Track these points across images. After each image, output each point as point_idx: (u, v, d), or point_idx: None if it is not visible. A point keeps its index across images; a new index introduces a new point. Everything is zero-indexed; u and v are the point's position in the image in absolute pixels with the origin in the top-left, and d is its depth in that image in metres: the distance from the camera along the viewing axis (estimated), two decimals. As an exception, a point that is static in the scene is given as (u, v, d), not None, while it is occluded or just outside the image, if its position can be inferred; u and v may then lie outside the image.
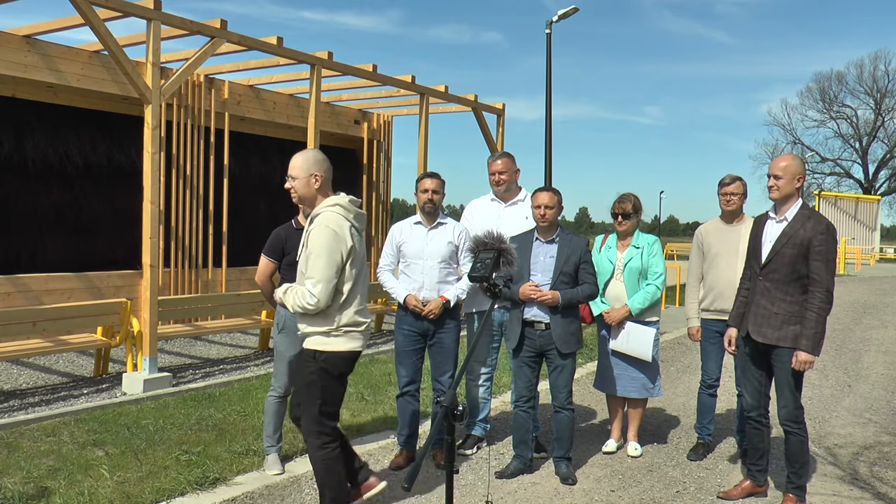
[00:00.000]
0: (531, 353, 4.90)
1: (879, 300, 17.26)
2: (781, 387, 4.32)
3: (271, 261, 4.95)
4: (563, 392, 4.89)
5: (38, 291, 8.69)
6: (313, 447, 3.91)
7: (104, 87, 9.28)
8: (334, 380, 3.89)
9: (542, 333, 4.84)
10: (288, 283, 4.84)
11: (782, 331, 4.27)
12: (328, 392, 3.89)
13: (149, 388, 6.86)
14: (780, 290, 4.29)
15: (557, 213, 4.91)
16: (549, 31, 16.09)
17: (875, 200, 40.28)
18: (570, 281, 4.83)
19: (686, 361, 9.22)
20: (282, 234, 4.94)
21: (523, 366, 4.93)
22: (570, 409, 4.92)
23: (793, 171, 4.33)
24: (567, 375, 4.89)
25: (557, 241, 4.90)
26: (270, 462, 4.93)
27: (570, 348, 4.84)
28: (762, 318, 4.35)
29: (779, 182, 4.35)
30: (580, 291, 4.83)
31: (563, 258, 4.83)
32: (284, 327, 4.90)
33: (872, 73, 54.71)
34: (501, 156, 5.55)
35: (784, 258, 4.26)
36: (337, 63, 9.39)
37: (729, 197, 5.27)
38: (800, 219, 4.28)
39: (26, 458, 5.00)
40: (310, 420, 3.90)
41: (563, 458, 4.93)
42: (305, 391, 3.93)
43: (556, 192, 4.95)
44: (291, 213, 5.11)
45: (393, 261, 5.14)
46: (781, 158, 4.44)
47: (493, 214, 5.46)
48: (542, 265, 4.86)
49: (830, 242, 4.20)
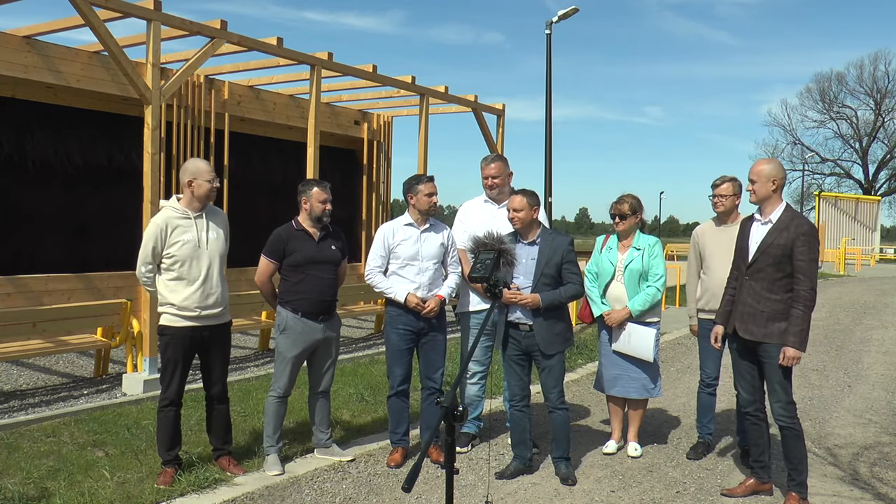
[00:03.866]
0: (518, 352, 4.90)
1: (879, 301, 17.26)
2: (771, 382, 4.44)
3: (271, 261, 4.97)
4: (553, 392, 4.88)
5: (38, 292, 8.68)
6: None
7: (104, 87, 9.28)
8: None
9: (527, 335, 4.83)
10: (293, 284, 4.91)
11: (768, 328, 4.39)
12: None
13: (149, 388, 6.85)
14: (765, 288, 4.41)
15: (529, 215, 4.85)
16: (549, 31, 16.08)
17: (875, 201, 40.30)
18: (553, 282, 4.80)
19: (686, 362, 9.22)
20: (283, 235, 4.96)
21: (513, 365, 4.94)
22: (564, 408, 4.91)
23: (766, 175, 4.45)
24: (556, 375, 4.86)
25: (539, 242, 4.87)
26: (270, 462, 4.93)
27: (555, 349, 4.82)
28: (749, 316, 4.46)
29: (754, 186, 4.51)
30: (563, 292, 4.79)
31: (545, 259, 4.80)
32: (286, 328, 4.93)
33: (872, 74, 54.80)
34: (494, 159, 5.54)
35: (769, 258, 4.39)
36: (337, 63, 9.39)
37: (718, 199, 5.28)
38: (784, 220, 4.42)
39: (26, 458, 5.00)
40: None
41: (562, 459, 4.93)
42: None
43: (526, 195, 4.88)
44: (291, 213, 5.12)
45: (384, 262, 5.10)
46: (756, 163, 4.58)
47: (487, 216, 5.46)
48: (523, 267, 4.83)
49: (813, 243, 4.34)
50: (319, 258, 4.94)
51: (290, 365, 4.95)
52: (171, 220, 4.60)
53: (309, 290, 4.90)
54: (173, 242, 4.58)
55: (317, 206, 4.94)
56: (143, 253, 4.61)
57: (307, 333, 4.93)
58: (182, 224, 4.61)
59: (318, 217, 4.95)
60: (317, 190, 4.94)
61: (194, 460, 4.92)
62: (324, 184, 5.01)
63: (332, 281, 5.01)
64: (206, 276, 4.63)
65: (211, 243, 4.68)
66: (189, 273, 4.59)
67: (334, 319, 5.10)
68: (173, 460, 4.68)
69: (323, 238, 5.00)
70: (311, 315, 4.92)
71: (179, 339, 4.61)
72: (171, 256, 4.58)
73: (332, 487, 4.68)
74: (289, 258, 4.92)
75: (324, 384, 5.13)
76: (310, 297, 4.90)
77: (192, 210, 4.65)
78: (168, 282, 4.62)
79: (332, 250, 5.02)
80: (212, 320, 4.69)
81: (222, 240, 4.77)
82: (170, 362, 4.64)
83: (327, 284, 4.98)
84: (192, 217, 4.65)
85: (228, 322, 4.86)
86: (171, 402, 4.67)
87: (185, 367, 4.69)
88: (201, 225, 4.67)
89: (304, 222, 4.99)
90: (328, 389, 5.18)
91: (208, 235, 4.68)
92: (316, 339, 4.97)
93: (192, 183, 4.63)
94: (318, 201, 4.93)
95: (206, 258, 4.64)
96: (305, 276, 4.91)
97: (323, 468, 4.98)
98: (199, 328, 4.65)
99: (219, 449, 4.90)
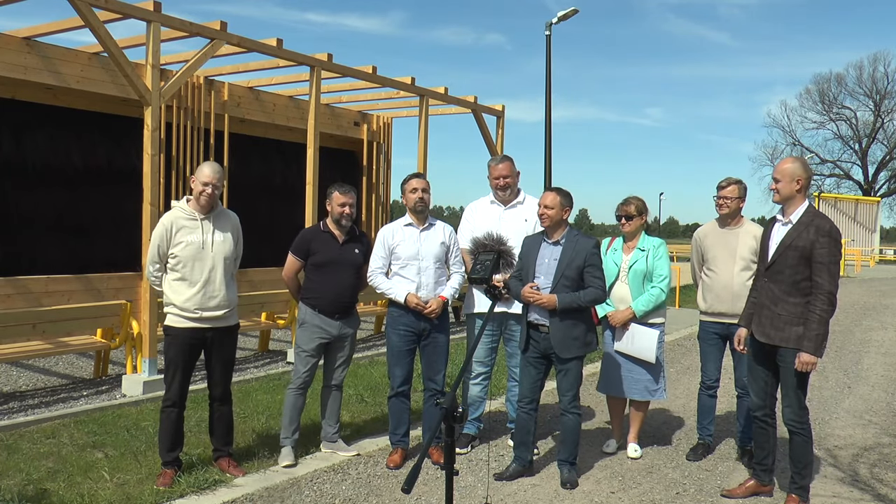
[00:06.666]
0: (536, 354, 4.87)
1: (879, 302, 17.26)
2: (786, 387, 4.35)
3: (297, 259, 5.13)
4: (566, 395, 4.84)
5: (37, 293, 8.68)
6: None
7: (104, 88, 9.28)
8: None
9: (545, 336, 4.79)
10: (314, 283, 4.96)
11: (785, 332, 4.29)
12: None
13: (148, 389, 6.85)
14: (783, 291, 4.31)
15: (559, 214, 4.82)
16: (549, 32, 16.10)
17: (875, 202, 40.30)
18: (573, 284, 4.73)
19: (686, 363, 9.22)
20: (308, 235, 5.15)
21: (529, 366, 4.91)
22: (575, 412, 4.85)
23: (791, 174, 4.35)
24: (571, 379, 4.81)
25: (563, 242, 4.82)
26: (284, 454, 5.01)
27: (571, 353, 4.75)
28: (766, 318, 4.38)
29: (778, 185, 4.40)
30: (582, 296, 4.71)
31: (566, 261, 4.75)
32: (304, 322, 5.07)
33: (872, 75, 54.82)
34: (503, 160, 5.54)
35: (787, 260, 4.29)
36: (336, 65, 9.39)
37: (722, 201, 5.27)
38: (804, 222, 4.30)
39: (26, 459, 5.00)
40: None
41: (566, 462, 4.88)
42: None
43: (560, 193, 4.85)
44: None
45: (385, 263, 5.14)
46: (782, 162, 4.48)
47: (493, 216, 5.46)
48: (545, 267, 4.80)
49: (833, 246, 4.21)
50: (341, 260, 5.07)
51: (307, 357, 5.09)
52: (177, 221, 4.62)
53: (328, 290, 5.03)
54: (177, 243, 4.59)
55: (336, 209, 5.08)
56: (151, 252, 4.66)
57: (323, 328, 5.06)
58: (188, 225, 4.63)
59: (338, 220, 5.08)
60: (336, 193, 5.08)
61: (194, 461, 4.92)
62: (345, 187, 5.11)
63: (352, 283, 5.12)
64: (208, 278, 4.63)
65: (216, 245, 4.69)
66: (191, 274, 4.60)
67: (352, 318, 5.23)
68: (173, 461, 4.68)
69: (347, 241, 5.12)
70: (328, 313, 5.06)
71: (181, 339, 4.62)
72: (174, 257, 4.60)
73: (332, 488, 4.68)
74: (312, 258, 5.08)
75: (336, 378, 5.23)
76: (328, 297, 5.03)
77: (199, 212, 4.67)
78: (172, 282, 4.64)
79: (355, 253, 5.14)
80: (215, 322, 4.69)
81: (230, 243, 4.78)
82: (172, 363, 4.65)
83: (347, 286, 5.10)
84: (199, 219, 4.66)
85: (235, 325, 4.87)
86: (174, 403, 4.68)
87: (188, 368, 4.69)
88: (207, 227, 4.68)
89: (331, 224, 5.12)
90: (341, 384, 5.29)
91: (214, 238, 4.69)
92: (332, 335, 5.09)
93: (193, 182, 4.67)
94: (337, 204, 5.08)
95: (209, 260, 4.65)
96: (327, 276, 5.03)
97: (322, 469, 4.98)
98: (202, 329, 4.66)
99: (219, 450, 4.90)
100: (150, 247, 4.68)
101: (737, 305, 4.96)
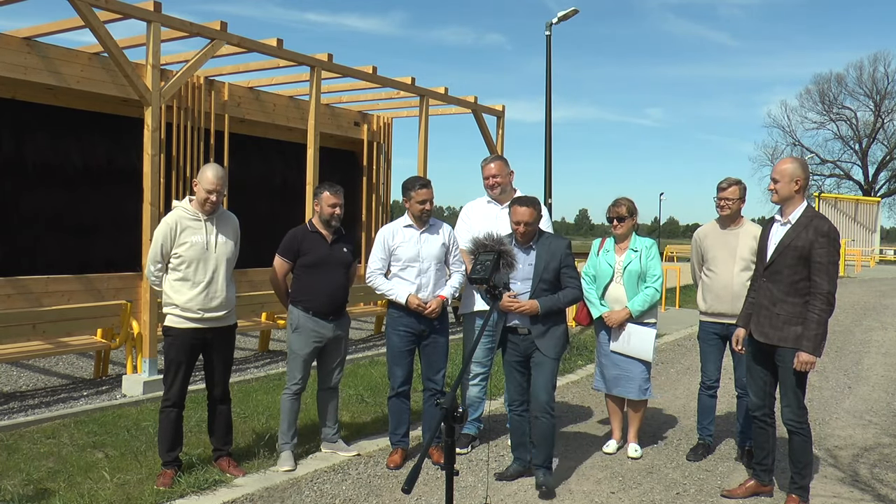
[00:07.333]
0: (517, 357, 4.84)
1: (879, 302, 17.26)
2: (785, 387, 4.36)
3: (285, 261, 5.08)
4: (544, 396, 4.70)
5: (38, 293, 8.68)
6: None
7: (104, 88, 9.28)
8: None
9: (525, 338, 4.78)
10: (306, 284, 4.94)
11: (784, 331, 4.30)
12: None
13: (148, 389, 6.85)
14: (781, 291, 4.32)
15: (538, 224, 4.80)
16: (549, 33, 16.08)
17: (875, 202, 40.30)
18: (551, 287, 4.74)
19: (686, 363, 9.22)
20: (297, 236, 5.08)
21: (512, 370, 4.89)
22: (550, 415, 4.73)
23: (790, 174, 4.36)
24: (547, 374, 4.72)
25: (535, 247, 4.80)
26: (283, 458, 5.00)
27: (556, 352, 4.76)
28: (764, 318, 4.39)
29: (777, 185, 4.41)
30: (562, 297, 4.72)
31: (542, 265, 4.73)
32: (298, 327, 5.03)
33: (872, 75, 54.85)
34: (494, 159, 5.54)
35: (786, 260, 4.30)
36: (337, 65, 9.39)
37: (724, 202, 5.27)
38: (802, 222, 4.31)
39: (26, 459, 5.00)
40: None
41: (542, 467, 4.76)
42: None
43: (534, 205, 4.76)
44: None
45: (385, 264, 5.13)
46: (781, 162, 4.49)
47: (490, 216, 5.46)
48: (521, 273, 4.72)
49: (831, 246, 4.22)
50: (331, 260, 5.05)
51: (302, 362, 5.06)
52: (181, 221, 4.62)
53: (320, 290, 5.00)
54: (182, 243, 4.59)
55: (326, 209, 5.04)
56: (153, 251, 4.65)
57: (317, 332, 5.04)
58: (192, 225, 4.64)
59: (327, 220, 5.05)
60: (326, 193, 5.04)
61: (194, 461, 4.92)
62: (335, 188, 5.09)
63: (342, 282, 5.11)
64: (211, 279, 4.64)
65: (219, 247, 4.70)
66: (194, 275, 4.60)
67: (344, 319, 5.20)
68: (173, 461, 4.68)
69: (336, 240, 5.10)
70: (322, 314, 5.02)
71: (182, 340, 4.62)
72: (178, 257, 4.60)
73: (332, 489, 4.68)
74: (302, 258, 5.04)
75: (333, 380, 5.23)
76: (321, 298, 5.00)
77: (202, 212, 4.67)
78: (173, 282, 4.63)
79: (344, 252, 5.13)
80: (216, 322, 4.70)
81: (231, 244, 4.79)
82: (172, 363, 4.65)
83: (338, 286, 5.08)
84: (203, 219, 4.67)
85: (233, 325, 4.87)
86: (174, 403, 4.68)
87: (188, 368, 4.70)
88: (211, 228, 4.69)
89: (318, 224, 5.08)
90: (337, 385, 5.29)
91: (217, 239, 4.70)
92: (326, 338, 5.07)
93: (196, 186, 4.67)
94: (327, 204, 5.04)
95: (213, 261, 4.65)
96: (317, 276, 5.01)
97: (322, 469, 4.98)
98: (203, 330, 4.66)
99: (219, 450, 4.90)
100: (151, 246, 4.67)
101: (737, 306, 4.96)
